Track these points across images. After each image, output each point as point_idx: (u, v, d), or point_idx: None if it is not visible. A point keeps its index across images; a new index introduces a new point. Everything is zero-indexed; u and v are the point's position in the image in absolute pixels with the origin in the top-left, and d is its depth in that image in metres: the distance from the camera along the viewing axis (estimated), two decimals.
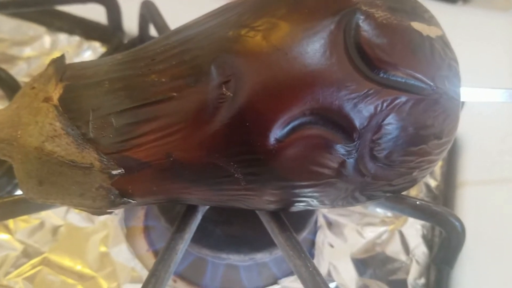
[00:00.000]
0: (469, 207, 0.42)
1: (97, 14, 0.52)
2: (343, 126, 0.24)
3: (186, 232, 0.30)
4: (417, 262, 0.39)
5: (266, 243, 0.34)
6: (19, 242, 0.38)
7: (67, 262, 0.37)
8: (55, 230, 0.38)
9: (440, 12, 0.31)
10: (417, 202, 0.33)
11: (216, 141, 0.24)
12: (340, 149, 0.25)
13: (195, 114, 0.24)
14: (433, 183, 0.44)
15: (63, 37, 0.54)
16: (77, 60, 0.52)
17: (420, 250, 0.39)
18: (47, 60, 0.52)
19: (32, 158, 0.24)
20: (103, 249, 0.38)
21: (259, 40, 0.24)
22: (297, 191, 0.26)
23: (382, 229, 0.41)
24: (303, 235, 0.37)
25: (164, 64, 0.25)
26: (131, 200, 0.26)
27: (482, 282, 0.36)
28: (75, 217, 0.39)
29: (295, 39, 0.24)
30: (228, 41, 0.25)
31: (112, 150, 0.24)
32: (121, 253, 0.37)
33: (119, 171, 0.24)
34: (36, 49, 0.53)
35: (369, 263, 0.39)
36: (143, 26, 0.51)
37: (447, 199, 0.43)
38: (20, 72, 0.50)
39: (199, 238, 0.34)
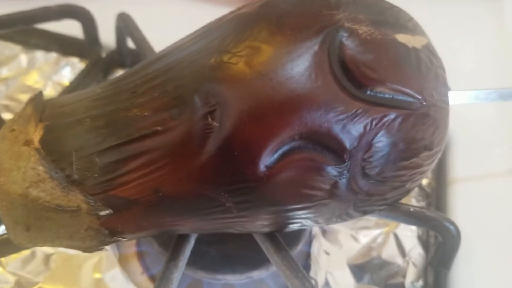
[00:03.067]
0: (462, 203, 0.42)
1: (73, 29, 0.51)
2: (333, 148, 0.24)
3: (180, 260, 0.29)
4: (414, 264, 0.39)
5: (262, 260, 0.34)
6: (12, 274, 0.37)
7: None
8: (47, 258, 0.38)
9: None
10: (411, 209, 0.32)
11: (205, 173, 0.24)
12: (332, 170, 0.24)
13: (182, 147, 0.24)
14: (424, 181, 0.44)
15: (39, 54, 0.52)
16: (56, 77, 0.51)
17: (416, 252, 0.39)
18: (25, 79, 0.50)
19: (17, 205, 0.23)
20: (97, 275, 0.37)
21: (242, 67, 0.24)
22: (290, 214, 0.26)
23: (376, 232, 0.41)
24: (299, 248, 0.36)
25: (145, 96, 0.24)
26: (121, 238, 0.25)
27: (479, 281, 0.37)
28: None
29: (279, 64, 0.24)
30: (211, 69, 0.24)
31: (98, 191, 0.23)
32: (116, 278, 0.37)
33: (107, 211, 0.24)
34: (13, 69, 0.51)
35: (366, 268, 0.39)
36: (120, 39, 0.49)
37: (439, 196, 0.43)
38: None
39: (193, 260, 0.33)
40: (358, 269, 0.39)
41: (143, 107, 0.24)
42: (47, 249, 0.38)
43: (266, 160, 0.24)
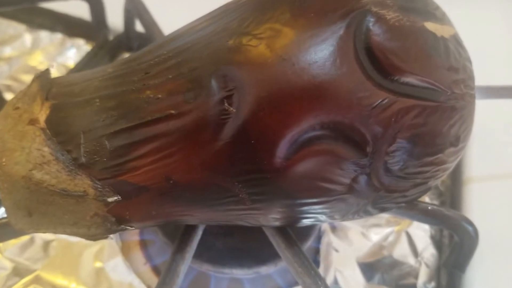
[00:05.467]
0: (477, 203, 0.40)
1: (79, 9, 0.50)
2: (356, 140, 0.23)
3: (186, 251, 0.28)
4: (427, 265, 0.37)
5: (270, 255, 0.33)
6: (9, 260, 0.35)
7: (60, 279, 0.35)
8: (46, 245, 0.36)
9: None
10: (429, 207, 0.31)
11: (219, 161, 0.22)
12: (353, 164, 0.23)
13: (196, 133, 0.22)
14: None
15: (44, 34, 0.51)
16: (60, 59, 0.49)
17: (428, 252, 0.38)
18: (29, 60, 0.49)
19: (20, 187, 0.22)
20: (97, 264, 0.36)
21: (263, 50, 0.22)
22: (305, 208, 0.25)
23: (388, 230, 0.39)
24: (308, 244, 0.35)
25: (159, 78, 0.23)
26: (128, 227, 0.24)
27: (495, 285, 0.35)
28: None
29: (301, 48, 0.22)
30: (229, 51, 0.23)
31: (106, 175, 0.22)
32: (117, 268, 0.36)
33: (115, 198, 0.22)
34: (17, 48, 0.50)
35: (376, 267, 0.37)
36: (128, 22, 0.48)
37: (454, 195, 0.42)
38: (1, 75, 0.47)
39: (199, 253, 0.32)
40: (368, 268, 0.37)
41: (157, 89, 0.23)
42: (47, 236, 0.37)
43: (284, 150, 0.22)
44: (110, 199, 0.22)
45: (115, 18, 0.49)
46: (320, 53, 0.22)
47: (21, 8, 0.50)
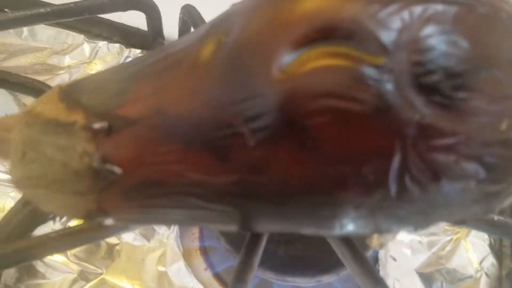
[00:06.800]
0: None
1: (136, 19, 0.51)
2: (365, 40, 0.17)
3: (254, 260, 0.28)
4: (487, 275, 0.37)
5: (332, 264, 0.33)
6: (76, 264, 0.37)
7: (125, 283, 0.36)
8: (110, 249, 0.38)
9: None
10: (495, 218, 0.31)
11: (212, 87, 0.19)
12: (369, 70, 0.17)
13: (186, 60, 0.21)
14: None
15: (102, 44, 0.53)
16: None
17: (488, 261, 0.38)
18: (88, 69, 0.51)
19: (22, 125, 0.23)
20: (160, 268, 0.37)
21: None
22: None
23: (446, 239, 0.39)
24: (369, 253, 0.35)
25: None
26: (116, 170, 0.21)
27: None
28: (130, 235, 0.38)
29: None
30: None
31: (99, 110, 0.22)
32: (180, 273, 0.37)
33: (101, 124, 0.21)
34: (76, 57, 0.52)
35: (435, 277, 0.37)
36: (184, 31, 0.49)
37: None
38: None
39: (262, 260, 0.32)
40: (427, 278, 0.37)
41: None
42: (111, 239, 0.38)
43: (281, 61, 0.17)
44: (96, 126, 0.21)
45: (170, 28, 0.51)
46: None
47: (80, 19, 0.52)
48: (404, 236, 0.39)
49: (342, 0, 0.18)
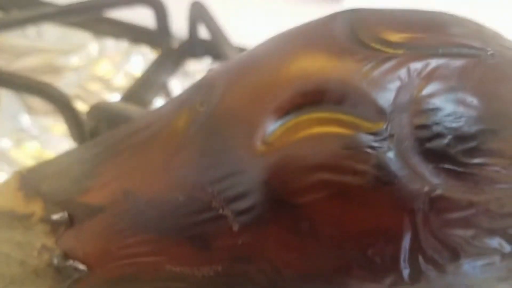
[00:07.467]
0: None
1: (143, 17, 0.50)
2: (359, 103, 0.15)
3: None
4: None
5: None
6: None
7: None
8: None
9: None
10: None
11: (187, 163, 0.17)
12: (365, 137, 0.15)
13: (158, 137, 0.19)
14: None
15: (110, 42, 0.51)
16: (127, 67, 0.50)
17: None
18: (96, 69, 0.50)
19: None
20: None
21: None
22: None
23: None
24: None
25: None
26: (82, 267, 0.19)
27: None
28: None
29: None
30: None
31: (61, 198, 0.19)
32: None
33: (61, 215, 0.19)
34: (84, 57, 0.51)
35: None
36: (193, 29, 0.48)
37: None
38: (70, 83, 0.48)
39: None
40: None
41: None
42: None
43: (265, 131, 0.16)
44: (55, 217, 0.19)
45: (179, 25, 0.50)
46: None
47: (86, 18, 0.51)
48: None
49: (330, 59, 0.16)
